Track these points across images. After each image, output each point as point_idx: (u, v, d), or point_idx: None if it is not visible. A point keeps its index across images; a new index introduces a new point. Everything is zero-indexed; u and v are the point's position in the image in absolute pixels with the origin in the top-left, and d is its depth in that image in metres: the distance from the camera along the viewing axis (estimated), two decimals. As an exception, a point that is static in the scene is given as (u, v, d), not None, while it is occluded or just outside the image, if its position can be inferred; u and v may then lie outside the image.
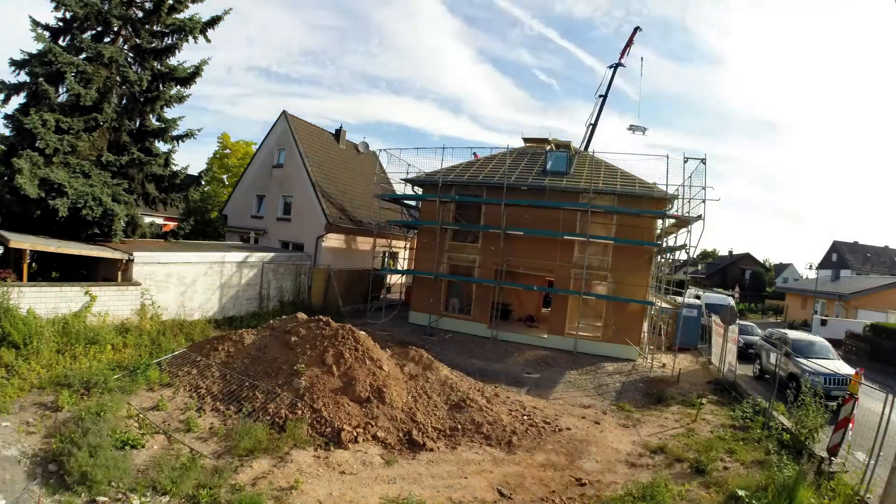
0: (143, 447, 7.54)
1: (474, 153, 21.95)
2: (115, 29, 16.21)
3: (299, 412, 8.98)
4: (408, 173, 21.33)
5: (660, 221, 18.13)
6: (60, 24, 15.80)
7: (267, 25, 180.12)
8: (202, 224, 26.76)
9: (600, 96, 29.73)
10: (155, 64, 16.98)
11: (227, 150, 34.46)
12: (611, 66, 29.60)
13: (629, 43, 29.41)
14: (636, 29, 29.85)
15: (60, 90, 15.16)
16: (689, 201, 16.94)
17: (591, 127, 29.92)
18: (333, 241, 21.97)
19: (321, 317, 11.67)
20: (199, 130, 18.47)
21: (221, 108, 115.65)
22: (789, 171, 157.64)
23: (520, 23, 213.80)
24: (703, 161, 16.33)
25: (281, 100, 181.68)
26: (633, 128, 29.24)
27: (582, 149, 26.67)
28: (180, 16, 17.22)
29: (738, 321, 15.84)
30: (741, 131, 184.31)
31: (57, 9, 15.13)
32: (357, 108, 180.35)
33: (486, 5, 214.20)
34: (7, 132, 15.04)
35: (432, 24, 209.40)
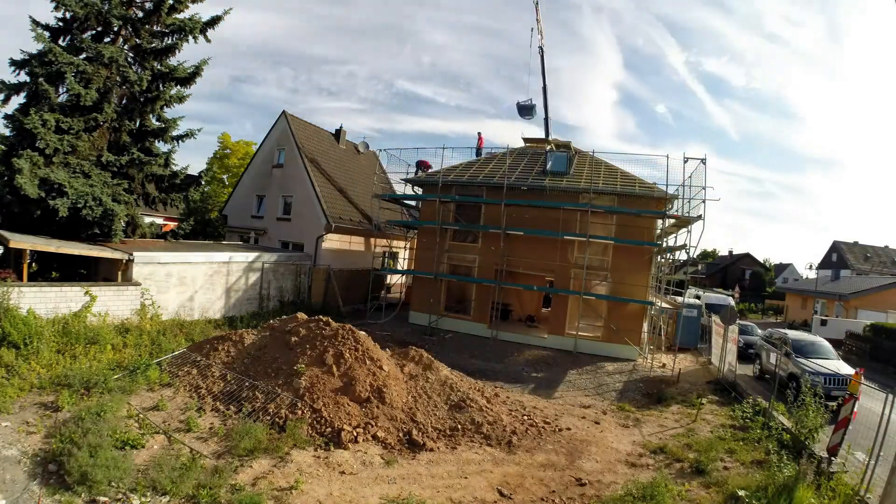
0: (143, 447, 7.53)
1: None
2: (115, 29, 16.21)
3: (299, 412, 8.98)
4: (408, 173, 21.35)
5: (660, 221, 18.12)
6: (60, 24, 15.81)
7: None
8: (202, 224, 26.73)
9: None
10: (155, 64, 16.98)
11: (227, 150, 34.48)
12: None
13: None
14: None
15: (60, 90, 15.16)
16: (689, 201, 16.95)
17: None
18: (333, 241, 21.97)
19: (321, 317, 11.67)
20: (199, 130, 18.50)
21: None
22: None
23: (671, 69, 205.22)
24: (704, 161, 16.33)
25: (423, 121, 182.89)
26: (522, 108, 23.94)
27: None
28: (180, 16, 17.23)
29: (738, 321, 15.82)
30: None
31: (57, 9, 15.14)
32: (480, 128, 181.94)
33: (657, 68, 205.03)
34: (7, 132, 15.06)
35: (603, 77, 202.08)
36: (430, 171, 21.45)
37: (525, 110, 22.89)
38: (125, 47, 16.49)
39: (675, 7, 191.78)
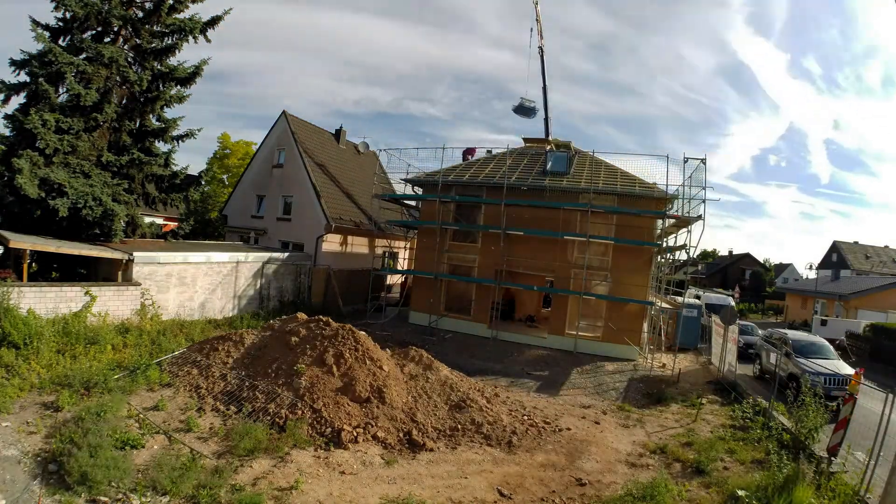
0: (143, 447, 7.53)
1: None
2: (115, 29, 16.21)
3: (299, 412, 8.98)
4: (407, 173, 21.35)
5: (660, 221, 18.12)
6: (60, 24, 15.80)
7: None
8: (202, 224, 26.76)
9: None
10: (155, 64, 16.98)
11: (227, 150, 34.47)
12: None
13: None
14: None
15: (60, 90, 15.16)
16: (689, 201, 16.94)
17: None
18: (333, 241, 21.98)
19: (321, 317, 11.67)
20: (199, 130, 18.50)
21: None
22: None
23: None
24: (703, 161, 16.33)
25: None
26: (519, 108, 23.75)
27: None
28: (180, 16, 17.23)
29: (738, 321, 15.83)
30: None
31: (57, 9, 15.14)
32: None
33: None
34: (7, 132, 15.06)
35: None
36: (474, 157, 21.21)
37: (526, 111, 22.62)
38: (125, 47, 16.49)
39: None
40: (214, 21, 17.37)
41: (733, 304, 25.81)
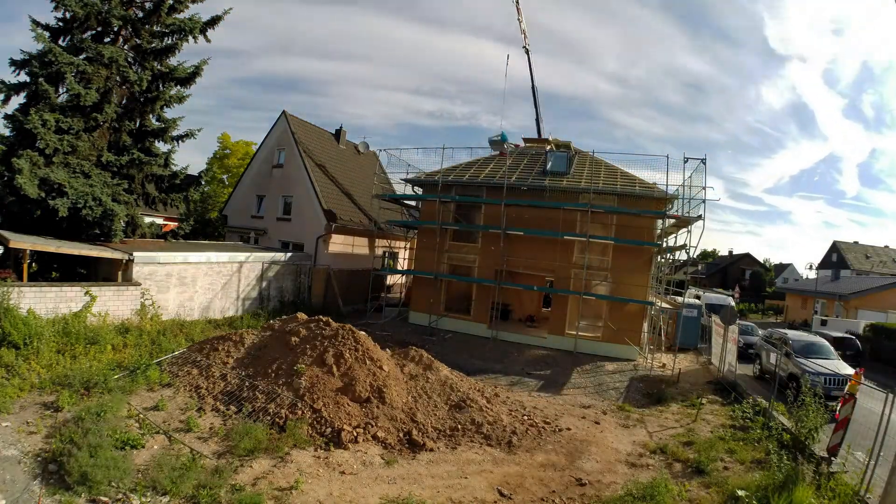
0: (143, 447, 7.53)
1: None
2: (115, 29, 16.22)
3: (299, 412, 8.98)
4: (408, 173, 21.35)
5: (660, 221, 18.12)
6: (60, 24, 15.81)
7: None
8: (202, 224, 26.76)
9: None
10: (155, 64, 16.99)
11: (227, 150, 34.48)
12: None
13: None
14: None
15: (60, 90, 15.17)
16: (689, 201, 16.94)
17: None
18: (333, 241, 21.97)
19: (321, 317, 11.67)
20: (198, 130, 18.51)
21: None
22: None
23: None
24: (703, 161, 16.33)
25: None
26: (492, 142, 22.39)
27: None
28: (180, 16, 17.25)
29: (738, 321, 15.83)
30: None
31: (57, 9, 15.16)
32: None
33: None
34: (7, 132, 15.07)
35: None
36: (504, 149, 21.04)
37: (495, 144, 22.06)
38: (125, 47, 16.50)
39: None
40: (214, 21, 17.39)
41: (733, 304, 25.79)
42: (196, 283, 15.85)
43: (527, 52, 25.96)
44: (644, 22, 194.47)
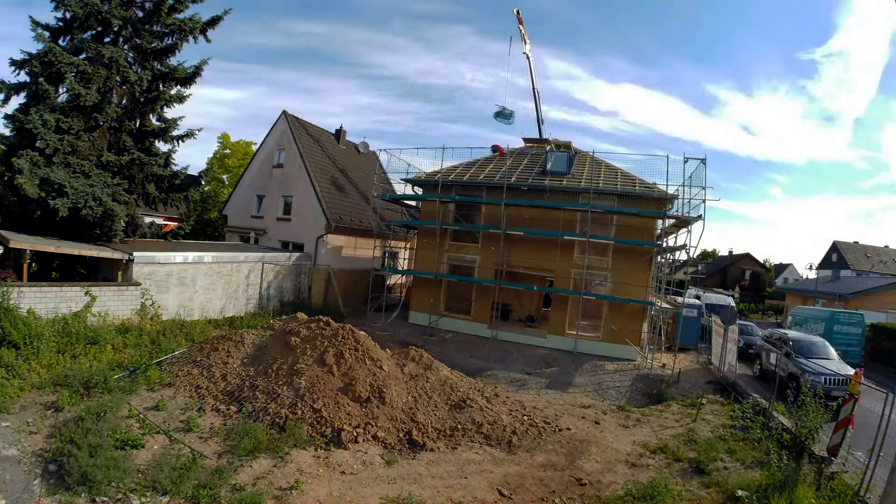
0: (143, 447, 7.54)
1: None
2: (116, 29, 16.21)
3: (299, 412, 8.98)
4: (408, 173, 21.35)
5: (660, 221, 18.12)
6: (60, 24, 15.81)
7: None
8: (202, 224, 26.75)
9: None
10: (155, 64, 16.99)
11: (228, 150, 34.43)
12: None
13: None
14: None
15: (60, 90, 15.16)
16: (689, 201, 16.94)
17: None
18: (333, 241, 21.97)
19: (321, 317, 11.67)
20: (199, 130, 18.49)
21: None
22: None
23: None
24: (703, 161, 16.32)
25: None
26: (499, 115, 25.42)
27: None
28: (180, 16, 17.23)
29: (738, 321, 15.83)
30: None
31: (57, 9, 15.15)
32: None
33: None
34: (7, 132, 15.06)
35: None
36: (499, 153, 21.50)
37: (505, 116, 23.09)
38: (125, 47, 16.49)
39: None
40: (214, 21, 17.37)
41: (733, 304, 25.78)
42: (196, 283, 15.85)
43: (527, 58, 26.51)
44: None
